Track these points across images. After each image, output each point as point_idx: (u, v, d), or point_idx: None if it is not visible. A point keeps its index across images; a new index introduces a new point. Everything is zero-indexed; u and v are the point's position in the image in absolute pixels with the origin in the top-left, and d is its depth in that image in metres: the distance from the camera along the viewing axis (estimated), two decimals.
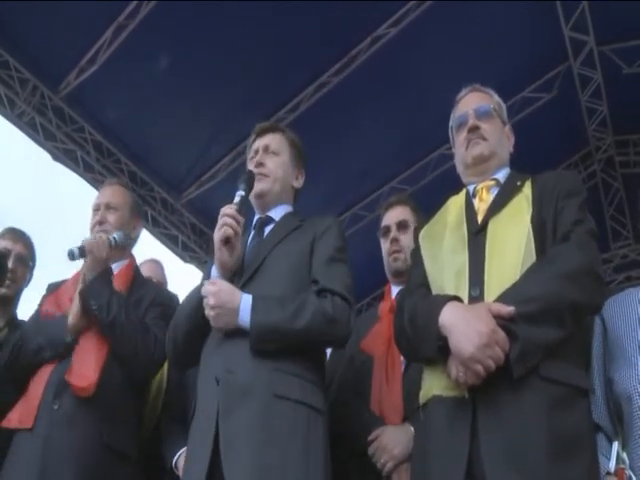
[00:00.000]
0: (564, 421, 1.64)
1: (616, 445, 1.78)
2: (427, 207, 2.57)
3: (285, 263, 2.08)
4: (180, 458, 2.37)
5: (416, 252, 2.10)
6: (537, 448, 1.59)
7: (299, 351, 1.93)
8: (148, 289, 2.65)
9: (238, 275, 2.06)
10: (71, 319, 2.37)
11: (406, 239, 2.54)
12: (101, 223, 2.65)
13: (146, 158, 6.25)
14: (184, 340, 2.09)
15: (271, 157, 2.31)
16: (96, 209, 2.70)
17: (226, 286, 1.95)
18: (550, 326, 1.67)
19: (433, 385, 1.79)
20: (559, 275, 1.72)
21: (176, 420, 2.52)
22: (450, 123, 2.25)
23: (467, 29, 5.21)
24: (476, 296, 1.79)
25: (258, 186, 2.25)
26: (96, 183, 5.92)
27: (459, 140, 2.15)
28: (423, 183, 6.23)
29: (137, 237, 2.81)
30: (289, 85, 5.71)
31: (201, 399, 1.98)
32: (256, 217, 2.32)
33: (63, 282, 2.66)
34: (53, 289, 2.65)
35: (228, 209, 2.02)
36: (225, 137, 6.06)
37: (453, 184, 2.19)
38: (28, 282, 3.01)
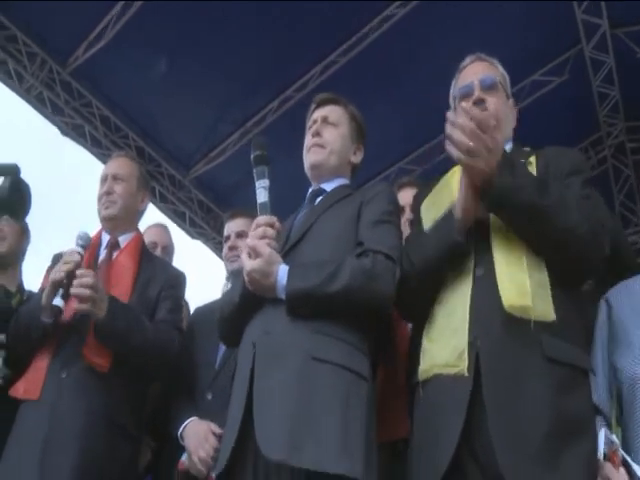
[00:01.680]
0: (568, 404, 1.64)
1: (604, 430, 1.78)
2: None
3: (331, 228, 2.03)
4: (185, 430, 2.39)
5: (415, 224, 2.08)
6: (541, 430, 1.59)
7: (342, 314, 1.86)
8: (157, 267, 2.64)
9: (285, 242, 2.03)
10: (44, 300, 2.30)
11: None
12: (108, 193, 2.63)
13: (154, 134, 6.25)
14: (231, 320, 2.06)
15: (329, 128, 2.24)
16: (103, 180, 2.68)
17: (259, 264, 1.88)
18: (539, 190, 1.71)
19: (434, 363, 1.77)
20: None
21: (183, 393, 2.53)
22: (452, 92, 2.18)
23: (478, 10, 5.14)
24: (480, 276, 1.78)
25: (313, 157, 2.21)
26: (104, 158, 5.94)
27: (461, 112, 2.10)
28: (432, 164, 6.21)
29: (144, 210, 2.81)
30: (297, 63, 5.68)
31: (238, 366, 1.95)
32: (310, 189, 2.27)
33: None
34: (57, 260, 2.60)
35: (262, 218, 1.95)
36: (233, 114, 6.05)
37: None
38: (26, 243, 2.97)
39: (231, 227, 2.97)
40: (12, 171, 1.98)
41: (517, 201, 1.70)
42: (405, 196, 2.65)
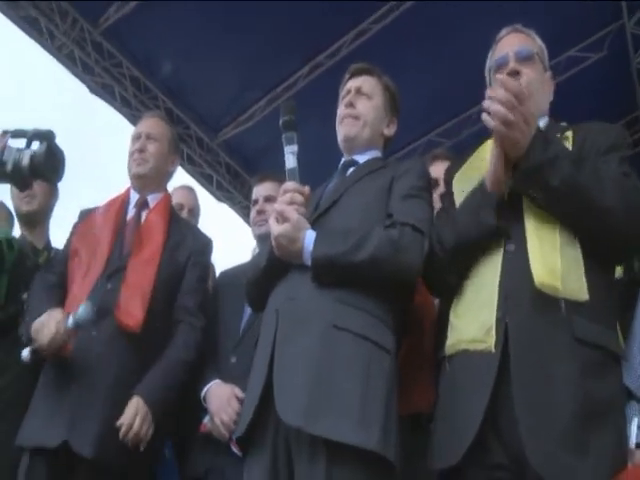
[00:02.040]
0: (596, 386, 1.62)
1: (636, 420, 1.76)
2: None
3: (361, 199, 2.02)
4: (208, 392, 2.41)
5: (447, 197, 2.04)
6: (568, 413, 1.57)
7: (367, 285, 1.85)
8: (185, 230, 2.65)
9: (314, 210, 2.03)
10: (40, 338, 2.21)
11: None
12: (141, 151, 2.63)
13: (183, 96, 6.22)
14: (258, 284, 2.07)
15: (363, 100, 2.21)
16: (137, 137, 2.68)
17: (286, 229, 1.88)
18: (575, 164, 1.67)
19: (461, 338, 1.76)
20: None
21: (206, 355, 2.54)
22: (487, 64, 2.14)
23: None
24: (511, 251, 1.75)
25: (346, 129, 2.20)
26: (133, 118, 5.94)
27: (497, 83, 2.03)
28: (462, 137, 6.13)
29: (173, 172, 2.81)
30: (330, 30, 5.60)
31: (261, 332, 1.96)
32: (342, 160, 2.26)
33: (95, 209, 2.65)
34: (85, 216, 2.65)
35: (290, 184, 1.95)
36: (263, 79, 6.00)
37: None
38: (54, 201, 3.00)
39: (259, 191, 2.95)
40: (48, 137, 2.02)
41: (550, 177, 1.66)
42: (438, 169, 2.61)
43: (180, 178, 2.83)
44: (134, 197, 2.65)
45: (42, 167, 1.93)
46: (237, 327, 2.57)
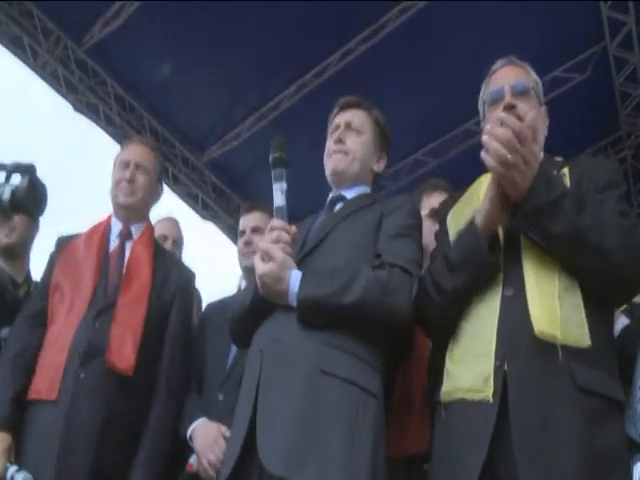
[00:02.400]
0: (600, 437, 1.56)
1: (639, 465, 1.71)
2: (451, 181, 2.48)
3: (349, 236, 1.98)
4: (194, 431, 2.34)
5: (442, 235, 1.98)
6: (571, 465, 1.52)
7: (355, 327, 1.80)
8: (170, 264, 2.60)
9: (300, 248, 1.98)
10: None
11: None
12: (131, 181, 2.55)
13: (169, 115, 6.21)
14: (242, 322, 2.02)
15: (352, 135, 2.18)
16: (125, 165, 2.59)
17: (271, 268, 1.83)
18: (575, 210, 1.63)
19: (458, 386, 1.71)
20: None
21: (192, 392, 2.49)
22: (481, 96, 2.09)
23: (500, 2, 5.06)
24: (509, 296, 1.70)
25: (334, 163, 2.16)
26: (118, 137, 5.92)
27: (492, 117, 1.93)
28: (448, 157, 6.14)
29: (156, 202, 2.75)
30: (316, 49, 5.62)
31: (245, 373, 1.90)
32: (330, 195, 2.22)
33: (75, 236, 2.57)
34: (64, 243, 2.56)
35: (277, 222, 1.90)
36: (249, 98, 6.01)
37: (479, 160, 2.10)
38: (35, 233, 2.92)
39: (247, 221, 2.89)
40: (29, 170, 1.98)
41: (551, 222, 1.62)
42: (438, 200, 2.51)
43: (165, 197, 2.76)
44: (116, 225, 2.58)
45: (24, 201, 1.89)
46: (224, 363, 2.50)
